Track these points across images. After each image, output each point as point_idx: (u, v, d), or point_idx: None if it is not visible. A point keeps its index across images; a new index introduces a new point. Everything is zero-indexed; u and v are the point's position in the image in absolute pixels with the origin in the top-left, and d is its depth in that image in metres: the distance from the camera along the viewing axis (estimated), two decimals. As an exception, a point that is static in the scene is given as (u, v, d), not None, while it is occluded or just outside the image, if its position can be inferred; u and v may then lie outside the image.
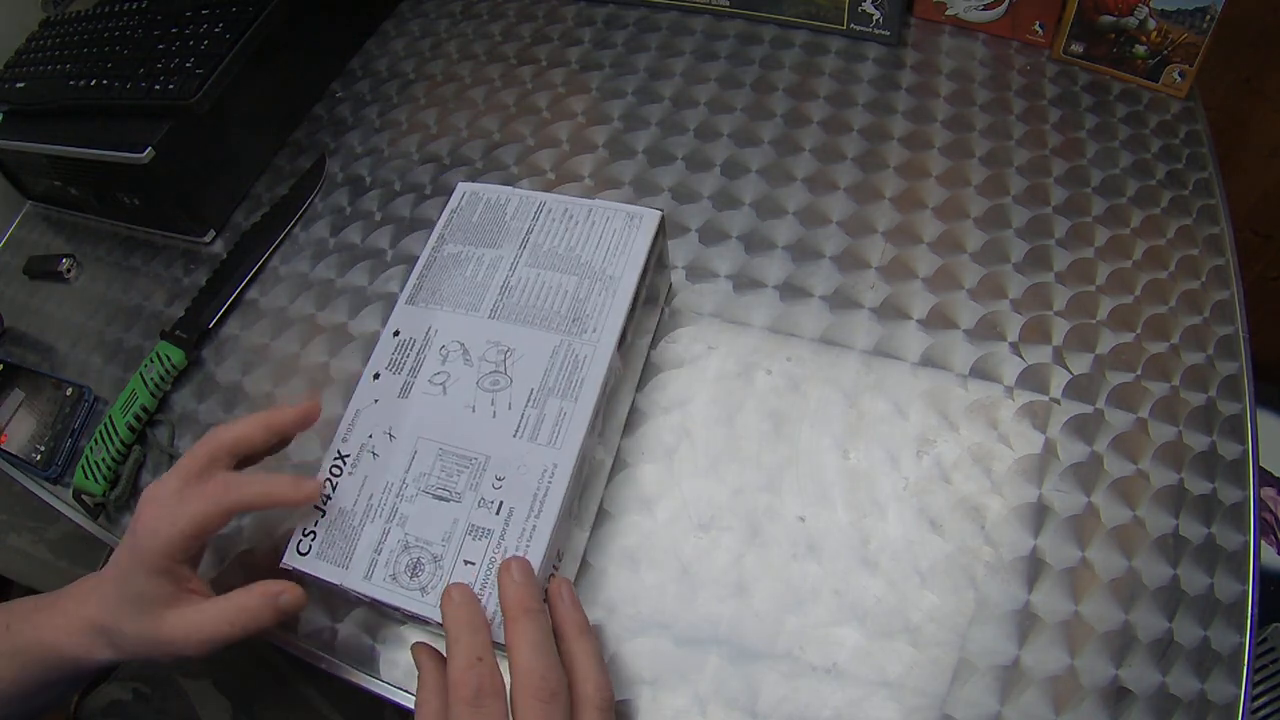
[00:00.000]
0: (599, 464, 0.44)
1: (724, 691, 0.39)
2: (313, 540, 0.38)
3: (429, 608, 0.36)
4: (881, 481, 0.44)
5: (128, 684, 0.50)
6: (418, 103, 0.68)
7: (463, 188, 0.48)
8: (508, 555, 0.36)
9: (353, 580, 0.37)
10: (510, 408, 0.40)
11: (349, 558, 0.37)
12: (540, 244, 0.45)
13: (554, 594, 0.37)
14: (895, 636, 0.40)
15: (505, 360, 0.41)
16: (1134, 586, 0.41)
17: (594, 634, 0.36)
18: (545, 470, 0.38)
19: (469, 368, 0.41)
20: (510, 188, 0.48)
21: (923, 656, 0.39)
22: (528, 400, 0.40)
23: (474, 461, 0.39)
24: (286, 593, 0.38)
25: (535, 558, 0.36)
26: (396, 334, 0.43)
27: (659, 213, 0.45)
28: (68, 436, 0.55)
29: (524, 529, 0.37)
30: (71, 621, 0.39)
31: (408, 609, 0.36)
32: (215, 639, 0.37)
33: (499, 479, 0.38)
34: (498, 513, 0.37)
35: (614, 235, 0.45)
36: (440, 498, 0.38)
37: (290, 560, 0.38)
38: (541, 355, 0.41)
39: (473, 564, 0.36)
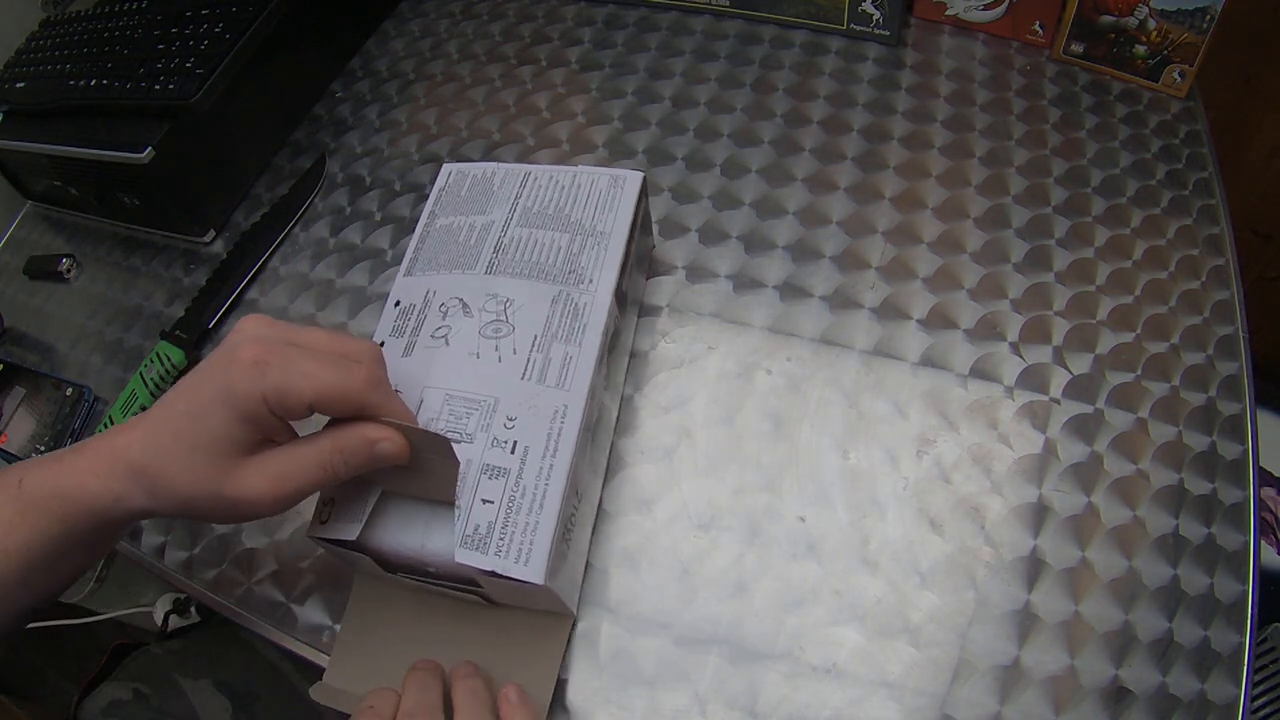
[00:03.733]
0: (606, 412, 0.44)
1: (724, 691, 0.39)
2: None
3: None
4: (881, 481, 0.44)
5: (128, 684, 0.50)
6: (418, 103, 0.68)
7: (448, 167, 0.49)
8: (525, 494, 0.36)
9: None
10: (515, 352, 0.40)
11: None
12: (530, 207, 0.46)
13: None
14: (895, 636, 0.40)
15: (505, 310, 0.41)
16: (1134, 586, 0.41)
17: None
18: (557, 411, 0.38)
19: (469, 319, 0.41)
20: (495, 163, 0.48)
21: (923, 656, 0.39)
22: (532, 345, 0.40)
23: (483, 404, 0.38)
24: (387, 440, 0.32)
25: (554, 495, 0.36)
26: (397, 304, 0.43)
27: (641, 174, 0.46)
28: (68, 436, 0.55)
29: (541, 467, 0.37)
30: (97, 460, 0.31)
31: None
32: (302, 488, 0.32)
33: (510, 419, 0.38)
34: (513, 452, 0.37)
35: (600, 195, 0.45)
36: (451, 440, 0.36)
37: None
38: (541, 304, 0.41)
39: (491, 502, 0.36)
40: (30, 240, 0.70)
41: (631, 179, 0.46)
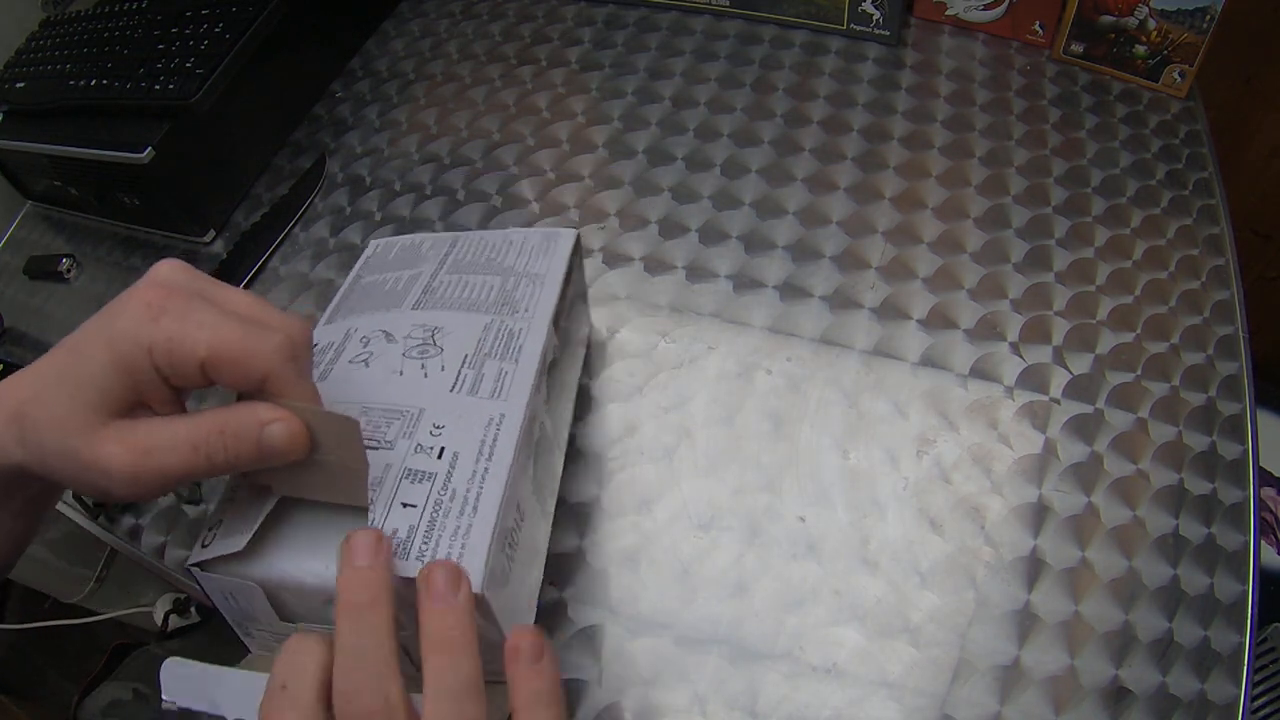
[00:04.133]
0: (550, 445, 0.41)
1: (724, 691, 0.39)
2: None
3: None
4: (881, 481, 0.44)
5: (128, 684, 0.50)
6: (418, 103, 0.68)
7: (374, 241, 0.48)
8: (455, 498, 0.31)
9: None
10: (444, 369, 0.36)
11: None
12: (461, 259, 0.44)
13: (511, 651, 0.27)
14: (895, 636, 0.40)
15: (434, 335, 0.38)
16: (1134, 586, 0.41)
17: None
18: (491, 419, 0.34)
19: (393, 345, 0.38)
20: (423, 234, 0.47)
21: (923, 656, 0.39)
22: (463, 363, 0.37)
23: (406, 414, 0.34)
24: (280, 422, 0.27)
25: (491, 498, 0.31)
26: (315, 345, 0.38)
27: (575, 231, 0.45)
28: (68, 436, 0.55)
29: (474, 471, 0.32)
30: None
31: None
32: (168, 469, 0.26)
33: (438, 426, 0.34)
34: (439, 457, 0.32)
35: (534, 248, 0.44)
36: (369, 447, 0.31)
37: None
38: (473, 330, 0.39)
39: (413, 506, 0.31)
40: (30, 240, 0.70)
41: (565, 235, 0.45)
